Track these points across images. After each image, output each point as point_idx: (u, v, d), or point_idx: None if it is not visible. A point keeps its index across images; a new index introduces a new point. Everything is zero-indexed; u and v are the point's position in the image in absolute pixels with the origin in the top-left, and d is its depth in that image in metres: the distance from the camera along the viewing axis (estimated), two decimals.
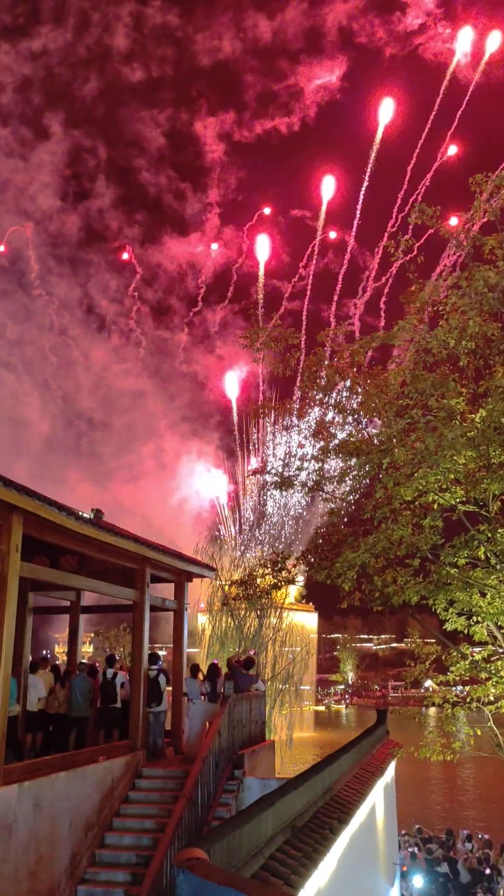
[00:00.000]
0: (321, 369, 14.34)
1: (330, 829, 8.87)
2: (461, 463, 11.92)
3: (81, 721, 14.17)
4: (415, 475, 11.69)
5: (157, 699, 14.99)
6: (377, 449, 12.08)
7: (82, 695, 14.21)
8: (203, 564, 18.85)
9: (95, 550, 13.51)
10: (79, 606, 17.23)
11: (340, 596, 13.82)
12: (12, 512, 10.66)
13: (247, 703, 15.66)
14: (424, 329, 12.89)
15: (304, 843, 7.85)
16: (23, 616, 14.72)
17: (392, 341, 13.25)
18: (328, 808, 9.72)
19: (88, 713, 14.23)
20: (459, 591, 12.90)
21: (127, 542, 13.84)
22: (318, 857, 7.84)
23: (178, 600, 17.11)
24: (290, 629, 35.56)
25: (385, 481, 12.06)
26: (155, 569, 15.65)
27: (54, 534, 12.03)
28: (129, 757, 13.74)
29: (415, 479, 11.72)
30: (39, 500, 10.78)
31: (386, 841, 16.36)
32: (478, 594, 13.23)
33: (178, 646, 17.15)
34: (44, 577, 12.95)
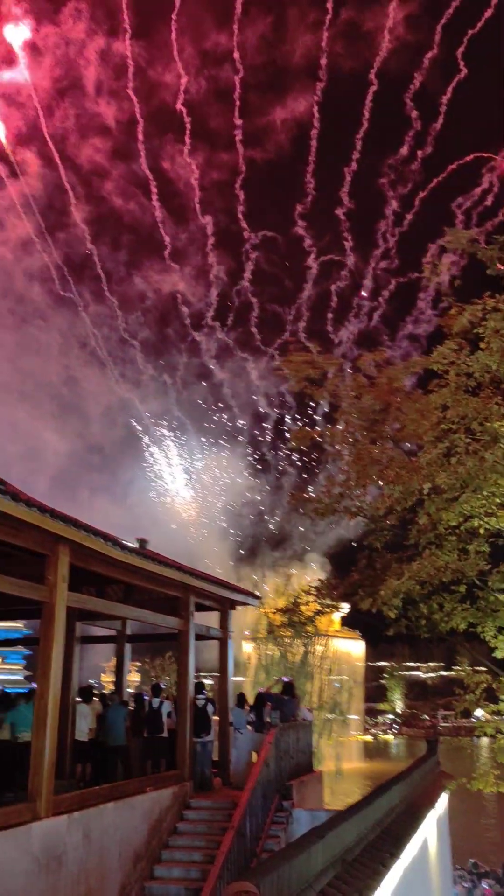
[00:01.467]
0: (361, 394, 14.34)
1: (381, 863, 8.70)
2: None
3: (119, 750, 14.11)
4: (458, 500, 11.58)
5: (204, 729, 14.92)
6: (418, 474, 11.99)
7: (118, 724, 14.15)
8: (247, 592, 18.81)
9: (140, 579, 13.60)
10: (125, 635, 17.31)
11: (386, 623, 13.67)
12: (59, 542, 10.81)
13: (294, 732, 15.51)
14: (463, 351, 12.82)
15: (355, 877, 7.72)
16: (71, 645, 14.83)
17: (432, 366, 13.20)
18: (379, 842, 9.54)
19: (124, 742, 14.15)
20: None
21: (171, 571, 13.90)
22: (369, 892, 7.69)
23: (223, 628, 17.08)
24: (336, 657, 35.18)
25: (428, 507, 11.95)
26: (199, 597, 15.67)
27: (100, 563, 12.14)
28: (177, 788, 13.68)
29: (458, 503, 11.60)
30: (85, 531, 10.91)
31: (440, 876, 15.95)
32: None
33: (223, 675, 17.09)
34: (90, 607, 13.06)
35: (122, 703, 14.74)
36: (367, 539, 14.75)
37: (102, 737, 13.85)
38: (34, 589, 10.64)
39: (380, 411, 14.05)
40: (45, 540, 10.60)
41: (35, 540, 10.45)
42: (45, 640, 10.86)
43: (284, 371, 14.95)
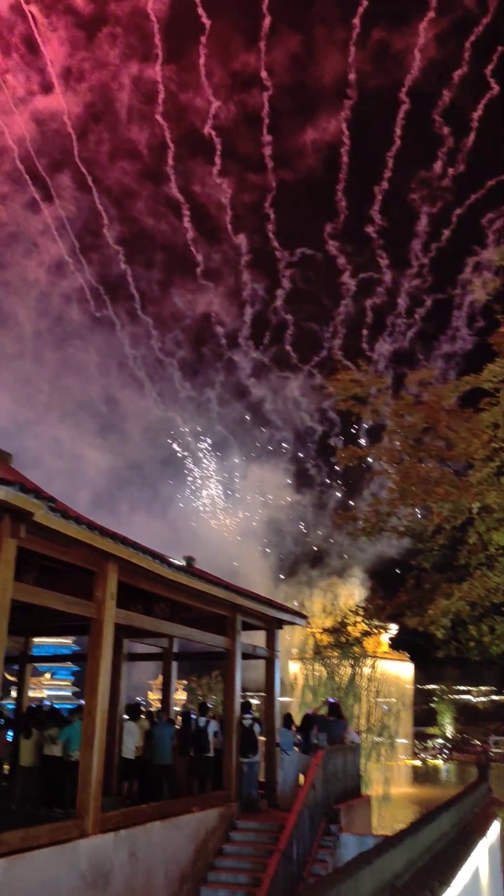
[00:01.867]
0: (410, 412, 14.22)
1: (431, 890, 8.50)
2: None
3: (166, 769, 14.08)
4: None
5: (251, 749, 14.82)
6: (468, 493, 11.81)
7: (165, 742, 14.13)
8: (294, 611, 18.71)
9: (187, 597, 13.63)
10: (171, 653, 17.34)
11: (435, 645, 13.44)
12: (108, 560, 10.92)
13: (341, 755, 15.31)
14: None
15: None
16: (118, 662, 14.90)
17: (482, 384, 13.03)
18: (429, 869, 9.32)
19: (171, 761, 14.12)
20: None
21: (218, 589, 13.91)
22: None
23: (270, 647, 17.00)
24: (383, 679, 34.67)
25: (478, 526, 11.75)
26: (246, 616, 15.64)
27: (147, 581, 12.22)
28: (224, 808, 13.60)
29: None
30: (133, 548, 11.00)
31: None
32: None
33: (270, 694, 16.99)
34: (138, 624, 13.13)
35: (169, 722, 14.74)
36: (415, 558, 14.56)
37: (149, 755, 13.86)
38: (83, 605, 10.75)
39: (427, 430, 13.90)
40: (93, 557, 10.72)
41: (84, 557, 10.58)
42: (92, 657, 10.95)
43: (331, 390, 14.90)
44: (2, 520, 8.64)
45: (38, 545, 9.60)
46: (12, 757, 13.91)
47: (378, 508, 14.50)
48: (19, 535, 8.75)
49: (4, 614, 8.63)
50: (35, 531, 9.12)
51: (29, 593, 9.79)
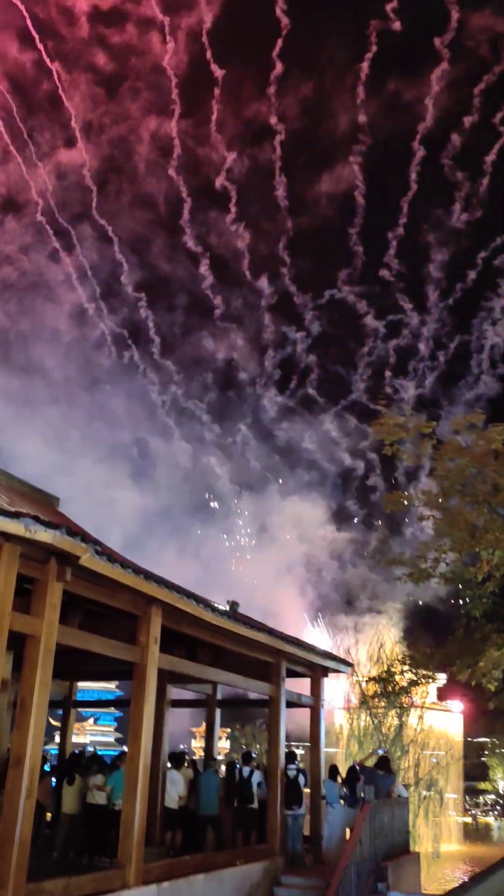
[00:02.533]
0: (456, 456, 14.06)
1: None
2: None
3: (210, 820, 13.81)
4: None
5: (296, 801, 14.49)
6: None
7: (210, 792, 13.89)
8: (339, 659, 18.40)
9: (231, 643, 13.52)
10: (215, 700, 17.14)
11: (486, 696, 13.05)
12: (152, 604, 10.92)
13: (389, 809, 14.84)
14: None
15: None
16: (161, 708, 14.78)
17: None
18: None
19: (217, 811, 13.85)
20: None
21: (262, 635, 13.78)
22: None
23: (315, 696, 16.70)
24: (432, 730, 33.68)
25: None
26: (290, 662, 15.43)
27: (191, 625, 12.17)
28: (268, 862, 13.26)
29: None
30: (177, 592, 11.00)
31: None
32: None
33: (315, 745, 16.65)
34: (181, 669, 13.05)
35: (215, 771, 14.50)
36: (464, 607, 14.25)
37: (194, 805, 13.65)
38: (127, 650, 10.75)
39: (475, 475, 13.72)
40: (137, 601, 10.74)
41: (128, 601, 10.60)
42: (136, 702, 10.90)
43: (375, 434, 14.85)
44: (48, 563, 8.73)
45: (83, 589, 9.66)
46: (55, 804, 13.81)
47: (425, 554, 14.28)
48: (65, 578, 8.82)
49: (50, 658, 8.67)
50: (80, 575, 9.18)
51: (74, 637, 9.83)
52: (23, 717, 8.32)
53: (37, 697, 8.36)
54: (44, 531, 8.03)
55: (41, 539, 8.06)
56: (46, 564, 8.71)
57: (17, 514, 7.83)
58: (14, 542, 8.05)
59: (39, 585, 8.76)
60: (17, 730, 8.36)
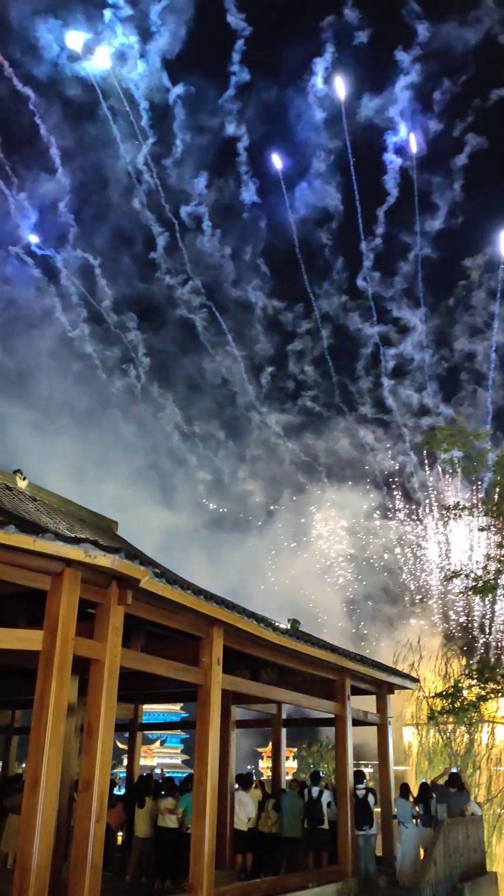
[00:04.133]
0: None
1: None
2: None
3: (292, 842, 13.69)
4: None
5: (367, 821, 14.24)
6: None
7: (293, 814, 13.78)
8: (405, 675, 18.13)
9: (293, 661, 13.43)
10: (280, 720, 17.04)
11: None
12: (213, 625, 10.93)
13: (463, 828, 14.50)
14: None
15: None
16: (226, 729, 14.74)
17: None
18: None
19: (300, 833, 13.75)
20: None
21: (325, 653, 13.66)
22: None
23: (381, 713, 16.46)
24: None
25: None
26: (354, 679, 15.24)
27: (253, 645, 12.13)
28: (341, 884, 13.06)
29: None
30: (238, 612, 10.98)
31: None
32: None
33: (383, 763, 16.38)
34: (245, 690, 13.00)
35: (299, 793, 14.36)
36: None
37: (277, 827, 13.60)
38: (189, 671, 10.75)
39: None
40: (198, 622, 10.76)
41: (189, 622, 10.63)
42: (201, 724, 10.88)
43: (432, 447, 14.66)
44: (109, 587, 8.82)
45: (144, 611, 9.72)
46: (128, 828, 13.85)
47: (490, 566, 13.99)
48: (126, 601, 8.89)
49: (114, 682, 8.73)
50: (141, 598, 9.25)
51: (138, 660, 9.88)
52: (90, 742, 8.38)
53: (103, 721, 8.42)
54: (103, 555, 8.12)
55: (101, 563, 8.15)
56: (108, 589, 8.80)
57: (77, 539, 7.95)
58: (75, 566, 8.17)
59: (102, 609, 8.84)
60: (85, 754, 8.42)
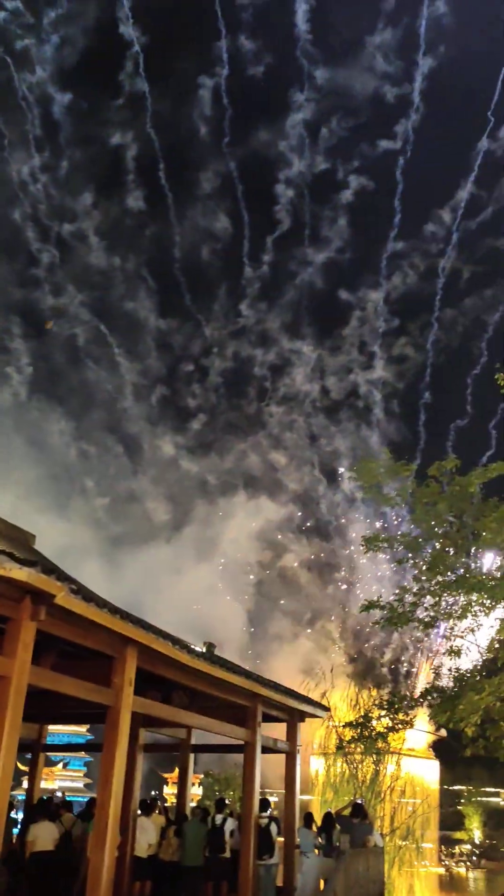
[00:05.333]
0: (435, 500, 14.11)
1: None
2: None
3: (194, 871, 13.46)
4: None
5: (268, 851, 14.13)
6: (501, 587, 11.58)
7: (195, 842, 13.58)
8: (316, 703, 18.17)
9: (206, 685, 13.31)
10: (189, 745, 16.81)
11: (463, 743, 12.91)
12: (127, 645, 10.76)
13: (364, 859, 14.53)
14: None
15: None
16: (133, 753, 14.45)
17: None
18: None
19: (201, 862, 13.54)
20: None
21: (239, 678, 13.60)
22: None
23: (291, 741, 16.45)
24: (409, 778, 33.13)
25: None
26: (266, 707, 15.20)
27: (166, 667, 11.97)
28: None
29: None
30: (154, 633, 10.84)
31: None
32: None
33: (290, 791, 16.35)
34: (155, 713, 12.80)
35: (202, 820, 14.15)
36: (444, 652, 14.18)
37: (179, 856, 13.37)
38: (101, 692, 10.54)
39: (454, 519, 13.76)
40: (113, 641, 10.58)
41: (104, 641, 10.44)
42: (108, 747, 10.66)
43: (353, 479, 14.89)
44: (22, 602, 8.57)
45: (57, 628, 9.49)
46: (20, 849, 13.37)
47: (404, 598, 14.24)
48: (39, 617, 8.66)
49: (21, 700, 8.46)
50: (55, 613, 9.03)
51: (47, 679, 9.62)
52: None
53: (6, 740, 8.13)
54: (19, 569, 7.89)
55: (16, 577, 7.92)
56: (20, 603, 8.55)
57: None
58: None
59: (13, 625, 8.58)
60: None
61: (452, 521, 14.05)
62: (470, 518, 13.59)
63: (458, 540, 13.62)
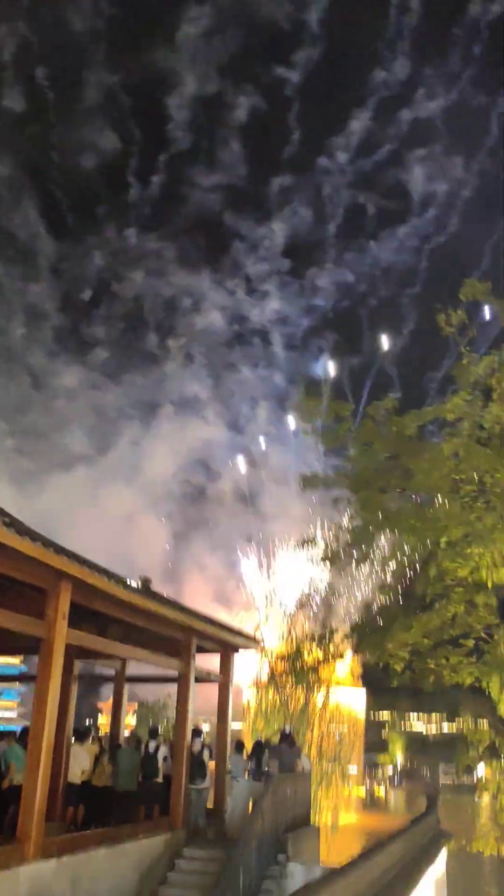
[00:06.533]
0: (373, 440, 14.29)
1: None
2: None
3: (127, 796, 13.81)
4: (468, 552, 11.42)
5: (200, 775, 14.58)
6: (432, 526, 11.88)
7: (129, 768, 13.89)
8: (249, 636, 18.57)
9: (142, 619, 13.42)
10: (123, 676, 17.04)
11: (391, 675, 13.41)
12: (61, 578, 10.72)
13: (292, 782, 15.13)
14: (475, 403, 12.80)
15: None
16: (67, 684, 14.57)
17: (444, 415, 13.18)
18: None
19: (134, 787, 13.89)
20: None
21: (174, 612, 13.75)
22: None
23: (224, 673, 16.81)
24: (337, 707, 34.44)
25: (441, 560, 11.79)
26: (201, 639, 15.45)
27: (101, 601, 12.01)
28: (170, 835, 13.34)
29: (469, 557, 11.43)
30: (88, 567, 10.83)
31: None
32: None
33: (222, 720, 16.78)
34: (90, 645, 12.89)
35: (135, 748, 14.45)
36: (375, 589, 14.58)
37: (113, 781, 13.62)
38: (33, 624, 10.53)
39: (390, 459, 13.97)
40: (46, 575, 10.52)
41: (37, 575, 10.37)
42: (41, 678, 10.70)
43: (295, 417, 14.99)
44: None
45: None
46: None
47: (339, 536, 14.51)
48: None
49: None
50: None
51: None
52: None
53: None
54: None
55: None
56: None
57: None
58: None
59: None
60: None
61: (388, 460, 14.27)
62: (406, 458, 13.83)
63: (392, 480, 13.87)
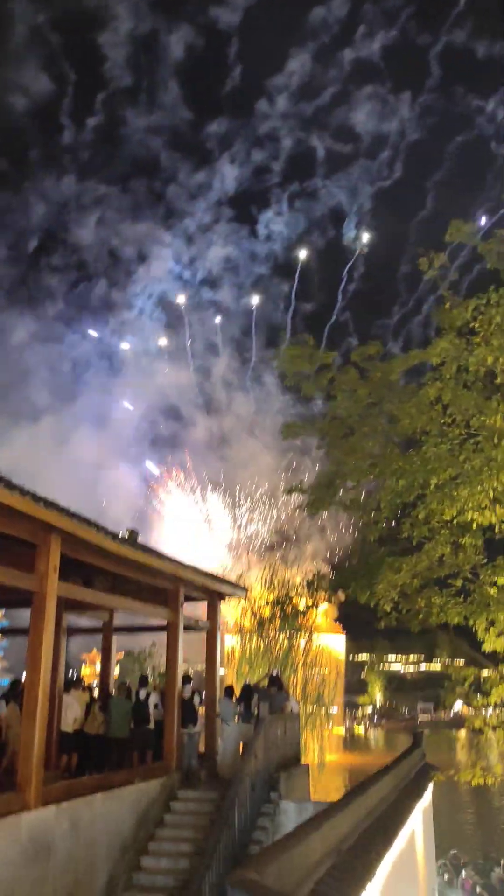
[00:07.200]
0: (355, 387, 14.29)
1: (375, 852, 8.72)
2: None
3: (120, 742, 14.09)
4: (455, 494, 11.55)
5: (191, 720, 14.88)
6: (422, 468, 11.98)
7: (122, 716, 14.14)
8: (235, 584, 18.78)
9: (130, 570, 13.49)
10: (112, 627, 17.20)
11: (378, 616, 13.67)
12: (51, 532, 10.70)
13: (281, 723, 15.49)
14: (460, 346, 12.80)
15: (351, 866, 7.71)
16: (58, 636, 14.68)
17: (428, 359, 13.19)
18: (371, 832, 9.56)
19: (127, 734, 14.16)
20: (501, 611, 12.66)
21: (162, 562, 13.84)
22: (363, 881, 7.70)
23: (211, 620, 17.03)
24: (319, 650, 35.22)
25: (429, 502, 11.92)
26: (188, 588, 15.60)
27: (90, 554, 12.04)
28: (164, 779, 13.64)
29: (456, 499, 11.56)
30: (77, 520, 10.82)
31: (426, 865, 16.05)
32: None
33: (210, 666, 17.04)
34: (79, 597, 12.96)
35: (127, 697, 14.68)
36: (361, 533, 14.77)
37: (105, 728, 13.85)
38: (25, 578, 10.54)
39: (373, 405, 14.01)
40: (36, 529, 10.50)
41: (27, 529, 10.35)
42: (34, 631, 10.76)
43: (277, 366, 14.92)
44: None
45: None
46: None
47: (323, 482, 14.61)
48: None
49: None
50: None
51: None
52: None
53: None
54: None
55: None
56: None
57: None
58: None
59: None
60: None
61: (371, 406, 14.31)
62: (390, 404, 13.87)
63: (377, 426, 13.93)
